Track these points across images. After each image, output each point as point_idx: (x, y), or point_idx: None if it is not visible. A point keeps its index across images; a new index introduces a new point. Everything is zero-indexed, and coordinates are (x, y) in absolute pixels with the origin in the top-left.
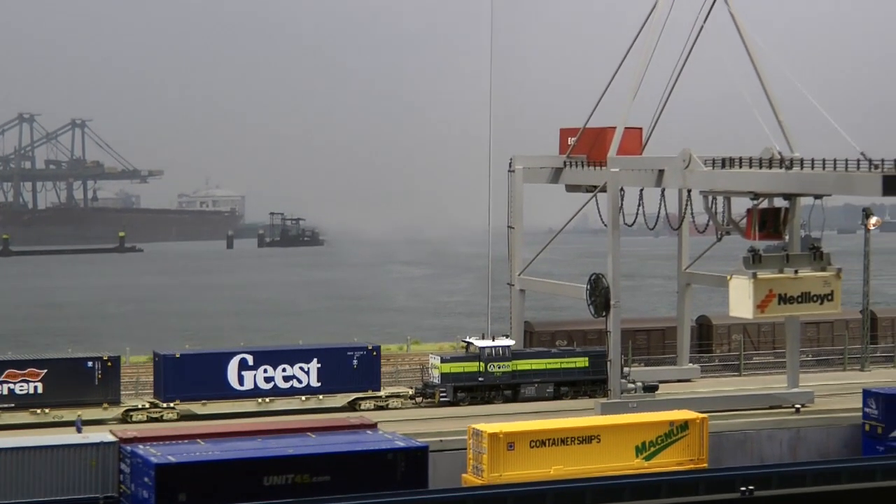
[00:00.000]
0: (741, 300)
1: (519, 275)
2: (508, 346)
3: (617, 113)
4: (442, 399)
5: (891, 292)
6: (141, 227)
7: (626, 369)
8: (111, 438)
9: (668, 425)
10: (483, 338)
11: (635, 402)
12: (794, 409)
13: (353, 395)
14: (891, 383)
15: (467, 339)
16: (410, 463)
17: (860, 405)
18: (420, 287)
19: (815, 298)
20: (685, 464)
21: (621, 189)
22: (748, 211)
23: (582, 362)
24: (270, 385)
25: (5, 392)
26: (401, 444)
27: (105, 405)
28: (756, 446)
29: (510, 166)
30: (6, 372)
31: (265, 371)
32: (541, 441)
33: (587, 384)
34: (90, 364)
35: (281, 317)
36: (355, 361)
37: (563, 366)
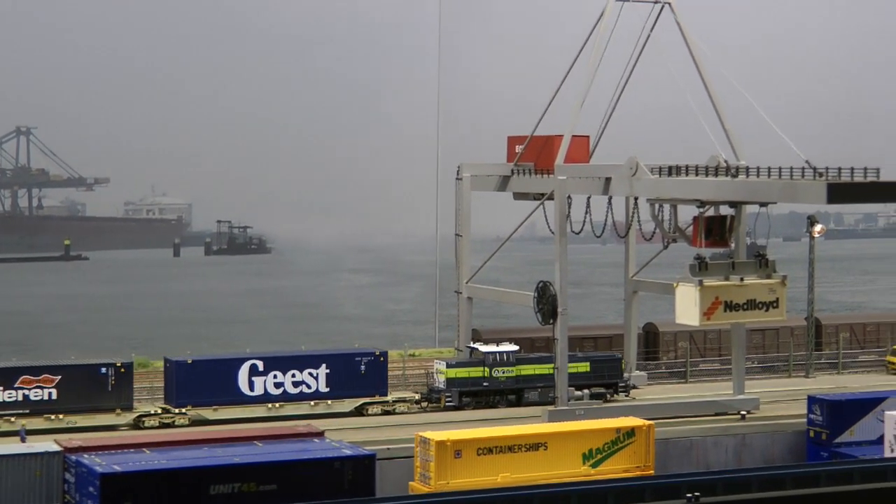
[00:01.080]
0: (687, 307)
1: (466, 282)
2: (513, 352)
3: (565, 121)
4: (448, 404)
5: (835, 299)
6: (87, 236)
7: (626, 374)
8: (56, 448)
9: (614, 432)
10: (486, 343)
11: (582, 410)
12: (739, 416)
13: (361, 400)
14: (835, 390)
15: (471, 345)
16: (358, 471)
17: (805, 411)
18: (368, 295)
19: (760, 305)
20: (632, 471)
21: (569, 197)
22: (694, 219)
23: (584, 367)
24: (280, 390)
25: (20, 398)
26: (348, 452)
27: (118, 411)
28: (702, 453)
29: (458, 174)
30: (21, 378)
31: (275, 377)
32: (488, 449)
33: (589, 389)
34: (104, 370)
35: (228, 325)
36: (363, 367)
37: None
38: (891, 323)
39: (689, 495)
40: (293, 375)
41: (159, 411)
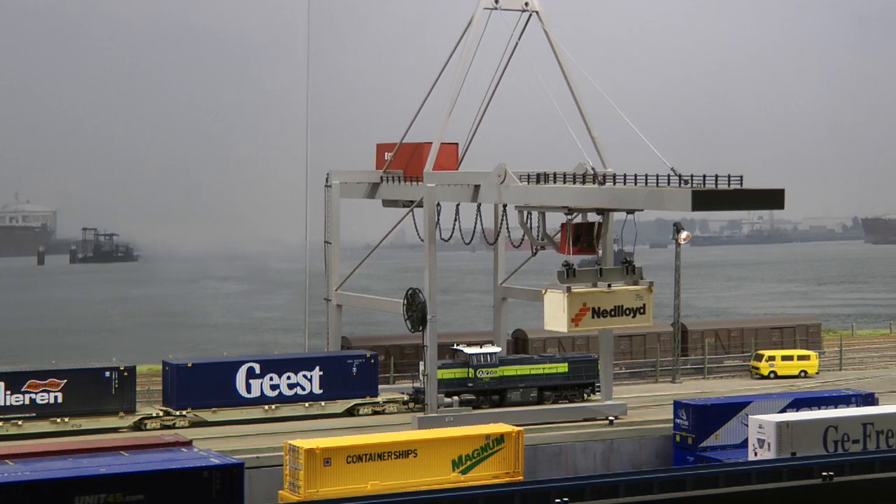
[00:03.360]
0: (556, 314)
1: (336, 290)
2: (496, 353)
3: (434, 128)
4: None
5: (701, 305)
6: None
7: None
8: None
9: (484, 439)
10: (470, 345)
11: (452, 417)
12: (607, 422)
13: (353, 402)
14: (701, 395)
15: (455, 347)
16: (226, 480)
17: (671, 416)
18: (236, 303)
19: (627, 312)
20: (501, 477)
21: (438, 204)
22: (562, 226)
23: (562, 368)
24: (276, 392)
25: (27, 402)
26: (216, 461)
27: (121, 413)
28: (571, 458)
29: (327, 181)
30: (28, 382)
31: (271, 379)
32: (357, 456)
33: (567, 389)
34: (107, 374)
35: (94, 334)
36: (355, 369)
37: (546, 371)
38: (755, 328)
39: (557, 501)
40: (288, 378)
41: (161, 414)
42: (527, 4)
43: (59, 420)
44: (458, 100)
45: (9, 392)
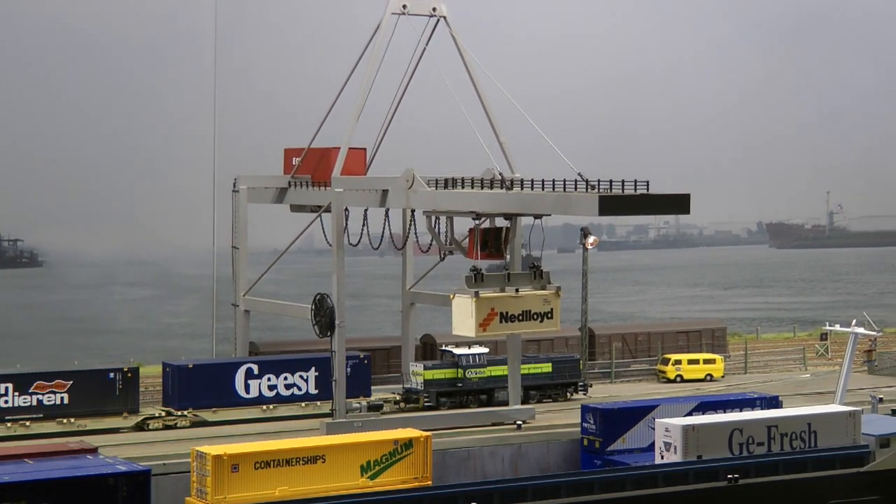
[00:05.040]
0: (464, 319)
1: (244, 295)
2: (483, 354)
3: (342, 133)
4: (426, 404)
5: (608, 310)
6: None
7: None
8: None
9: (392, 444)
10: (458, 346)
11: (360, 422)
12: (515, 426)
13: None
14: (608, 399)
15: (445, 348)
16: (132, 487)
17: (579, 420)
18: (143, 309)
19: (535, 316)
20: (409, 482)
21: (346, 209)
22: (470, 231)
23: (547, 368)
24: (273, 393)
25: (34, 403)
26: (122, 468)
27: (125, 414)
28: (479, 463)
29: (234, 186)
30: (35, 383)
31: (269, 379)
32: (265, 462)
33: (551, 388)
34: (112, 375)
35: None
36: (349, 369)
37: (531, 371)
38: (661, 332)
39: None
40: (285, 378)
41: (163, 414)
42: (434, 10)
43: (65, 420)
44: (367, 105)
45: (17, 393)
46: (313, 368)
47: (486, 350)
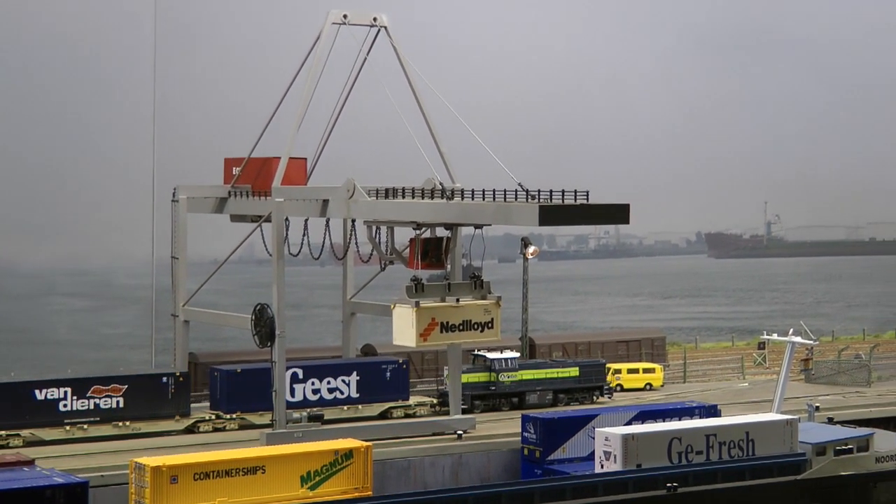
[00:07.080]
0: (404, 328)
1: (183, 305)
2: (515, 358)
3: (282, 143)
4: (461, 407)
5: (549, 319)
6: None
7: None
8: None
9: (332, 454)
10: (491, 350)
11: (301, 432)
12: (456, 436)
13: (387, 405)
14: (548, 408)
15: (477, 353)
16: (70, 500)
17: (519, 430)
18: (82, 319)
19: (476, 326)
20: (350, 492)
21: (286, 219)
22: (411, 241)
23: (574, 371)
24: (317, 396)
25: (91, 406)
26: (59, 480)
27: (177, 417)
28: (419, 473)
29: (174, 196)
30: (93, 388)
31: (313, 384)
32: (205, 473)
33: (578, 391)
34: (165, 379)
35: None
36: (388, 374)
37: (560, 375)
38: (601, 342)
39: None
40: (328, 382)
41: (213, 417)
42: (375, 20)
43: (120, 424)
44: (307, 115)
45: (75, 397)
46: (355, 373)
47: (517, 354)
